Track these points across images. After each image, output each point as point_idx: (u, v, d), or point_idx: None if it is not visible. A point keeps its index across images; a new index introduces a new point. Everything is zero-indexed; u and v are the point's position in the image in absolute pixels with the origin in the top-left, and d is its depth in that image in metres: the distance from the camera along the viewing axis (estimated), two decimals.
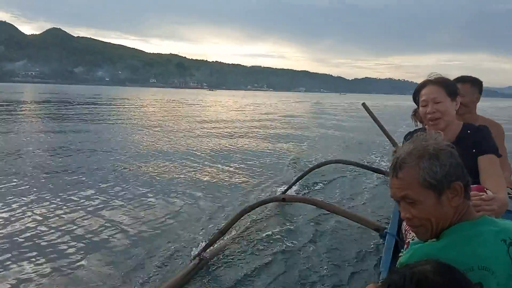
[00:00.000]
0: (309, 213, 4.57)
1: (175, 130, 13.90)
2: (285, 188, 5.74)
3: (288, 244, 3.74)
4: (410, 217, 1.24)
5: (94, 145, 9.65)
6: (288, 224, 4.30)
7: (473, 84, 3.03)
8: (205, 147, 10.27)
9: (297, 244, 3.74)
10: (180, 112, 24.82)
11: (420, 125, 3.42)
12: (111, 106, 28.86)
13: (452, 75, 2.97)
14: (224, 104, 41.09)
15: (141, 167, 7.32)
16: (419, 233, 1.28)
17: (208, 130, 14.38)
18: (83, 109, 24.74)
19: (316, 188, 6.03)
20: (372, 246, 3.68)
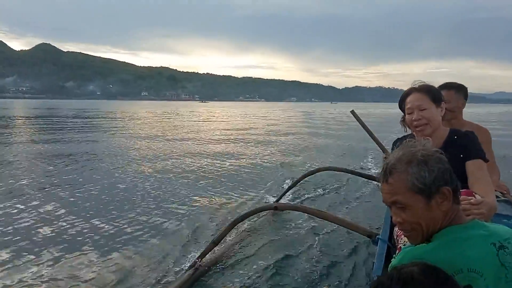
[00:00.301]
0: (302, 220, 4.59)
1: (173, 140, 13.91)
2: (278, 196, 5.76)
3: (282, 252, 3.74)
4: (401, 221, 1.27)
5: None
6: (281, 232, 4.30)
7: (458, 90, 3.08)
8: (197, 156, 10.27)
9: (290, 252, 3.75)
10: (177, 124, 24.79)
11: (409, 131, 3.48)
12: (111, 119, 29.00)
13: (440, 82, 3.04)
14: (218, 115, 41.08)
15: (134, 174, 7.34)
16: (411, 237, 1.30)
17: (201, 140, 14.42)
18: (87, 122, 25.03)
19: (308, 195, 6.05)
20: (365, 252, 3.69)
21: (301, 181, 5.78)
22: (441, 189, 1.21)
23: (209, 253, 3.48)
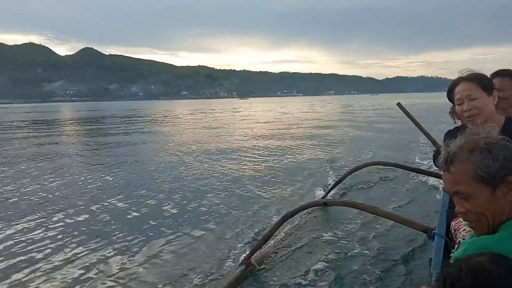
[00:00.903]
0: (352, 216, 4.52)
1: (218, 135, 14.19)
2: (324, 192, 5.72)
3: (334, 248, 3.71)
4: (464, 211, 1.24)
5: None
6: (331, 228, 4.26)
7: None
8: (239, 151, 10.51)
9: (343, 248, 3.70)
10: (223, 119, 25.22)
11: (459, 122, 3.36)
12: (167, 118, 30.24)
13: (487, 69, 2.89)
14: (259, 111, 41.29)
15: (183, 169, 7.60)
16: (476, 228, 1.25)
17: (244, 134, 14.60)
18: (148, 121, 26.21)
19: (355, 191, 5.95)
20: (420, 247, 3.60)
21: (348, 176, 5.72)
22: (507, 178, 1.15)
23: (260, 249, 3.52)
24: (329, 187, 5.83)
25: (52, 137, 16.52)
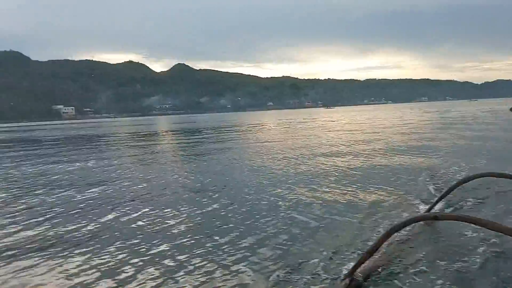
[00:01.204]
0: (464, 232, 4.16)
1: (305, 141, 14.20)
2: (425, 203, 5.39)
3: (448, 267, 3.44)
4: None
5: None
6: (442, 244, 3.97)
7: None
8: (330, 157, 10.31)
9: (459, 267, 3.41)
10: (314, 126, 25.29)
11: None
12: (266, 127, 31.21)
13: None
14: (347, 120, 40.54)
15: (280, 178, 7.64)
16: None
17: (337, 142, 14.34)
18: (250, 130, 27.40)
19: (464, 205, 5.44)
20: None
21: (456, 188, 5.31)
22: None
23: (364, 263, 3.39)
24: (434, 199, 5.45)
25: (176, 145, 18.07)
